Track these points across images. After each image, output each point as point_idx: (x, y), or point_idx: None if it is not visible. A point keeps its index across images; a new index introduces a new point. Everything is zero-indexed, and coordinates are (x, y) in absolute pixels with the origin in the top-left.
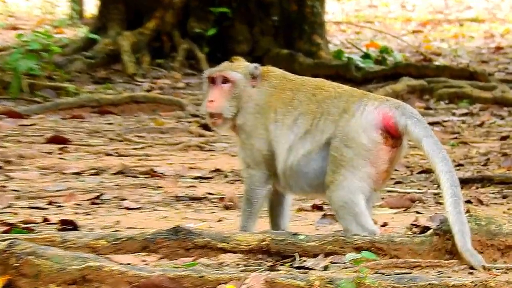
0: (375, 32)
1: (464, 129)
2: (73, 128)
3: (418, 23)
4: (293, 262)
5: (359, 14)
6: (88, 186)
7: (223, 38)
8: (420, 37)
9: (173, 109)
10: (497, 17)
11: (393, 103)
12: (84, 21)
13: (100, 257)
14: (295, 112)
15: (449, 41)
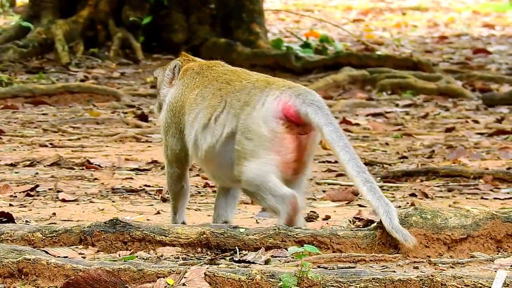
0: (315, 21)
1: (408, 121)
2: (6, 119)
3: (359, 12)
4: (233, 255)
5: (298, 3)
6: (23, 177)
7: (159, 27)
8: (361, 26)
9: (108, 100)
10: (441, 6)
11: (295, 91)
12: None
13: (36, 250)
14: (196, 109)
15: (391, 30)
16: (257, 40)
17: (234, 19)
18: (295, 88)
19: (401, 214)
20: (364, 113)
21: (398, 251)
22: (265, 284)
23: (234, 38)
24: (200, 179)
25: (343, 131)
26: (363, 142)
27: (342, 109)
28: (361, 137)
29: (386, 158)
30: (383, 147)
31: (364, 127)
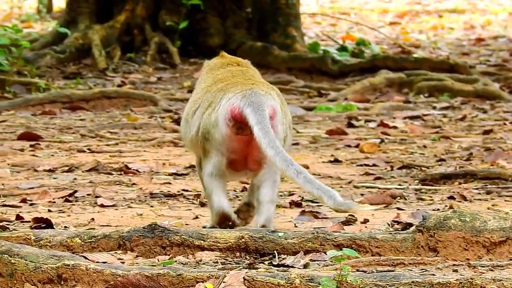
0: (351, 24)
1: (445, 123)
2: (44, 125)
3: (395, 15)
4: (272, 260)
5: (334, 6)
6: (61, 183)
7: (195, 31)
8: (397, 29)
9: (145, 104)
10: (477, 8)
11: (245, 93)
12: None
13: (75, 256)
14: (188, 104)
15: (428, 32)
16: (294, 44)
17: (270, 22)
18: (249, 89)
19: (439, 216)
20: (401, 116)
21: (437, 254)
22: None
23: (271, 42)
24: (238, 183)
25: (271, 129)
26: (401, 145)
27: (379, 112)
28: (398, 140)
29: (424, 160)
30: (421, 150)
31: (402, 130)
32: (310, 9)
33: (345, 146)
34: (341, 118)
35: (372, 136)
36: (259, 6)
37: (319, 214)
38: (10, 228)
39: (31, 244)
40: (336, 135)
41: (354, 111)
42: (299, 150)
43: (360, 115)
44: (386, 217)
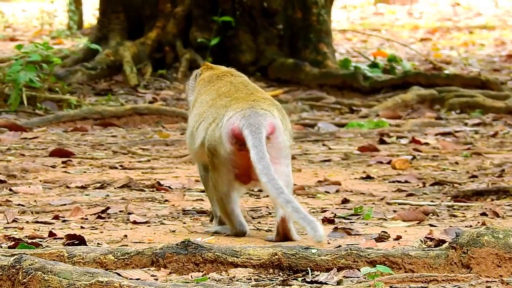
0: (382, 40)
1: (477, 140)
2: (76, 141)
3: (426, 31)
4: (305, 276)
5: (365, 22)
6: (93, 200)
7: (226, 47)
8: (428, 45)
9: (177, 121)
10: (507, 24)
11: (246, 112)
12: (83, 31)
13: (109, 273)
14: (191, 114)
15: (458, 49)
16: (325, 60)
17: (302, 39)
18: (249, 108)
19: (472, 233)
20: (433, 133)
21: (470, 271)
22: None
23: (302, 58)
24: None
25: (266, 153)
26: (433, 161)
27: (411, 129)
28: (430, 157)
29: (456, 177)
30: (453, 166)
31: (434, 146)
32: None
33: (377, 163)
34: (372, 135)
35: (404, 152)
36: (291, 23)
37: (352, 230)
38: (43, 245)
39: (64, 261)
40: (368, 152)
41: (386, 128)
42: (331, 166)
43: (392, 132)
44: (419, 233)
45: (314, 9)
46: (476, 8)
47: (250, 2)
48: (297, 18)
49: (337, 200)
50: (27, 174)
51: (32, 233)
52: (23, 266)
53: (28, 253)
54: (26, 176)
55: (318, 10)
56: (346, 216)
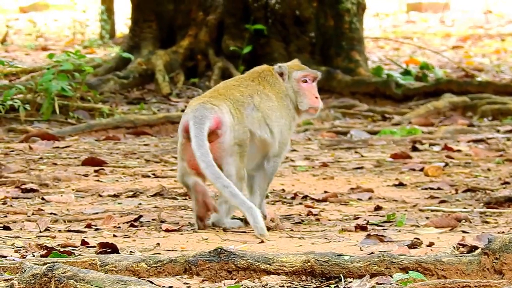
0: (414, 48)
1: (509, 147)
2: (108, 150)
3: (458, 38)
4: (338, 283)
5: (397, 30)
6: (126, 208)
7: (258, 55)
8: (460, 53)
9: None
10: None
11: (195, 107)
12: (115, 40)
13: (141, 281)
14: None
15: (490, 56)
16: (357, 68)
17: (334, 47)
18: (199, 103)
19: (505, 239)
20: (465, 140)
21: (502, 277)
22: None
23: (334, 66)
24: (303, 207)
25: (206, 142)
26: (465, 168)
27: (443, 136)
28: (463, 163)
29: (489, 184)
30: (485, 173)
31: (466, 153)
32: (373, 34)
33: (409, 170)
34: (405, 142)
35: (437, 159)
36: (323, 31)
37: (384, 237)
38: (76, 253)
39: (96, 269)
40: (400, 159)
41: (418, 135)
42: (363, 174)
43: (424, 139)
44: (452, 240)
45: (346, 17)
46: (508, 16)
47: (282, 10)
48: (329, 26)
49: (369, 207)
50: (60, 183)
51: (64, 242)
52: (55, 275)
53: (60, 262)
54: (59, 185)
55: (350, 18)
56: (378, 223)
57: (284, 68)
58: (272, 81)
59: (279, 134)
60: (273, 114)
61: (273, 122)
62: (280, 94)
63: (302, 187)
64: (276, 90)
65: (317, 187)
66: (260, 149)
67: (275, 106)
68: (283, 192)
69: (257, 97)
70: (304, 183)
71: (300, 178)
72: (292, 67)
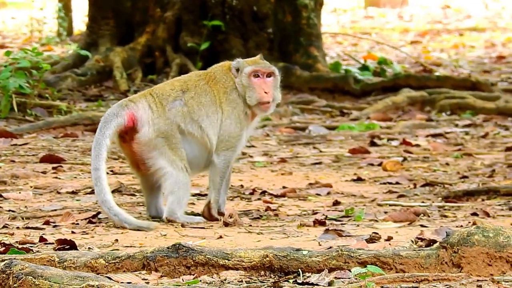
0: (372, 43)
1: (467, 141)
2: (66, 147)
3: (416, 34)
4: (297, 278)
5: (355, 26)
6: (84, 205)
7: (217, 52)
8: (419, 48)
9: None
10: (498, 26)
11: (118, 102)
12: (73, 38)
13: (100, 277)
14: None
15: (449, 51)
16: (316, 64)
17: (292, 42)
18: (124, 99)
19: (463, 233)
20: (424, 134)
21: (461, 270)
22: None
23: (292, 62)
24: (262, 203)
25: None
26: (424, 162)
27: (401, 131)
28: (421, 158)
29: (447, 178)
30: (443, 167)
31: (425, 148)
32: (331, 29)
33: (368, 165)
34: (363, 137)
35: (395, 154)
36: (281, 27)
37: (343, 232)
38: (34, 250)
39: (55, 265)
40: (359, 154)
41: (377, 130)
42: (322, 169)
43: (382, 134)
44: (410, 234)
45: (304, 13)
46: (466, 11)
47: (240, 6)
48: (287, 21)
49: (328, 202)
50: (18, 180)
51: (22, 239)
52: (13, 271)
53: (18, 258)
54: (17, 182)
55: (308, 14)
56: (337, 218)
57: (239, 63)
58: (220, 77)
59: (212, 129)
60: (204, 110)
61: (203, 118)
62: (226, 89)
63: (261, 182)
64: (221, 85)
65: (275, 182)
66: (200, 143)
67: (210, 101)
68: (242, 187)
69: (192, 92)
70: (263, 178)
71: (258, 173)
72: (248, 62)
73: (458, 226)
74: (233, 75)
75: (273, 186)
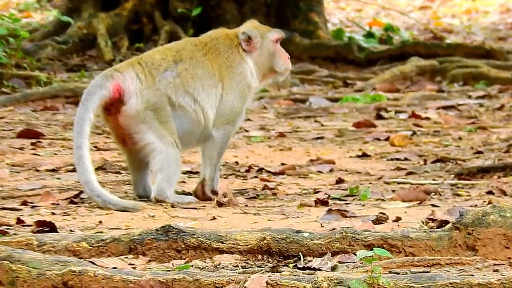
0: (378, 9)
1: (482, 113)
2: (46, 121)
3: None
4: (297, 262)
5: None
6: (65, 184)
7: (209, 18)
8: (428, 13)
9: None
10: None
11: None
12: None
13: (82, 261)
14: None
15: (461, 17)
16: (316, 31)
17: (291, 8)
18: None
19: (477, 212)
20: (434, 106)
21: (475, 253)
22: None
23: (291, 29)
24: (258, 181)
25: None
26: (434, 137)
27: (410, 103)
28: (432, 132)
29: (460, 153)
30: (456, 142)
31: (435, 121)
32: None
33: (374, 140)
34: (369, 110)
35: (403, 128)
36: None
37: (347, 212)
38: (11, 233)
39: (33, 249)
40: (364, 128)
41: (383, 102)
42: (324, 144)
43: (389, 106)
44: (420, 214)
45: None
46: None
47: None
48: None
49: (331, 180)
50: None
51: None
52: None
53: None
54: None
55: None
56: (341, 197)
57: (252, 32)
58: (223, 50)
59: (209, 103)
60: (199, 82)
61: (198, 91)
62: (231, 64)
63: (257, 159)
64: (224, 59)
65: (273, 159)
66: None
67: (208, 74)
68: (237, 164)
69: (186, 63)
70: (260, 154)
71: (255, 149)
72: (261, 29)
73: (473, 206)
74: (243, 47)
75: (270, 163)
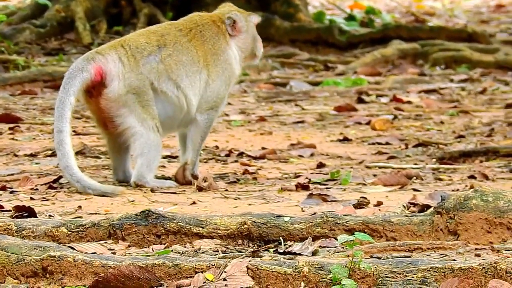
0: None
1: (464, 97)
2: (24, 105)
3: None
4: (278, 247)
5: None
6: (44, 169)
7: (188, 1)
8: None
9: None
10: None
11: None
12: None
13: (62, 246)
14: None
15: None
16: (297, 13)
17: None
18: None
19: (459, 197)
20: (416, 90)
21: (457, 238)
22: (313, 277)
23: (272, 12)
24: (239, 165)
25: (68, 96)
26: (416, 121)
27: (392, 86)
28: (413, 116)
29: (442, 137)
30: (438, 126)
31: (417, 105)
32: None
33: (355, 124)
34: (350, 93)
35: (385, 112)
36: None
37: (328, 197)
38: None
39: (12, 234)
40: (345, 112)
41: (364, 86)
42: (305, 128)
43: (371, 90)
44: (402, 199)
45: None
46: None
47: None
48: None
49: (311, 165)
50: None
51: None
52: None
53: None
54: None
55: None
56: (321, 182)
57: (238, 16)
58: (209, 37)
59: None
60: (183, 69)
61: (182, 77)
62: (217, 51)
63: (238, 143)
64: (209, 46)
65: (254, 143)
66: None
67: (192, 60)
68: (217, 149)
69: (170, 48)
70: (240, 139)
71: (235, 133)
72: (243, 13)
73: (454, 190)
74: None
75: (251, 147)
